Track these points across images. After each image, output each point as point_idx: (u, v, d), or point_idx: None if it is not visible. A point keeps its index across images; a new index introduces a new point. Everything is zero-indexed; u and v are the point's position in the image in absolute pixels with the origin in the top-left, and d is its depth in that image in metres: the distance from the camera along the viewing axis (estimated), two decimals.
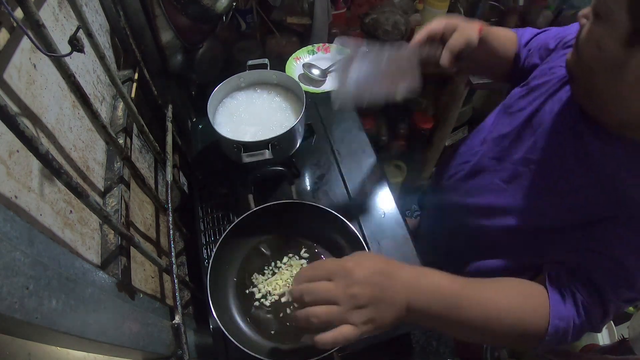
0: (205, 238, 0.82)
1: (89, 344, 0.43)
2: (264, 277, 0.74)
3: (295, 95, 0.91)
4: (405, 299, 0.46)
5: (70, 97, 0.58)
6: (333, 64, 1.14)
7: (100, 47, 0.62)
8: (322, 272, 0.47)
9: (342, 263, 0.47)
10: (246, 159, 0.78)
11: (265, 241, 0.77)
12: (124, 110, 0.75)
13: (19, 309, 0.32)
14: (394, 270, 0.47)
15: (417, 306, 0.47)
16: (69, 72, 0.52)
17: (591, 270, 0.52)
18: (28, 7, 0.43)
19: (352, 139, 0.97)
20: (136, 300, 0.56)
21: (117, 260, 0.57)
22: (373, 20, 1.38)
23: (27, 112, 0.46)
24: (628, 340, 0.88)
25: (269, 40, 1.36)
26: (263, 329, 0.68)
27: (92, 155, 0.63)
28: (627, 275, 0.51)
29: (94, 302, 0.44)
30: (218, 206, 0.86)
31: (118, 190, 0.64)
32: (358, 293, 0.44)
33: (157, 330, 0.58)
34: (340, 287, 0.44)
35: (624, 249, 0.51)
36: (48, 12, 0.56)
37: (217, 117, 0.88)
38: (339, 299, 0.44)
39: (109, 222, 0.51)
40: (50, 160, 0.38)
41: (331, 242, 0.76)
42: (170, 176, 0.78)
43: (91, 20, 0.71)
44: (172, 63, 0.99)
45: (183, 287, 0.81)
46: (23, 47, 0.47)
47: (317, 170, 0.92)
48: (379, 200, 0.87)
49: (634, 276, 0.51)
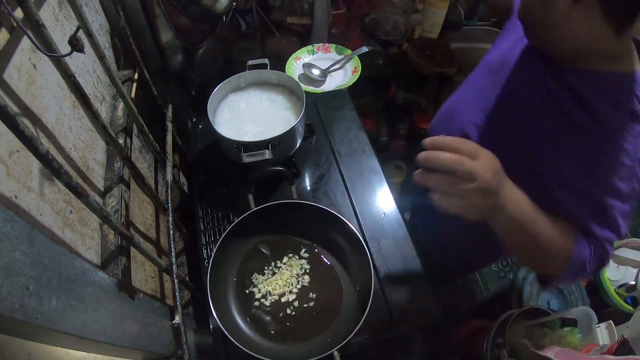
0: (205, 238, 0.82)
1: (89, 344, 0.43)
2: (264, 277, 0.74)
3: (295, 95, 0.91)
4: (506, 200, 0.52)
5: (70, 97, 0.58)
6: (333, 64, 1.14)
7: (100, 47, 0.62)
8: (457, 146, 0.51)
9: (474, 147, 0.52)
10: (246, 159, 0.78)
11: (265, 241, 0.77)
12: (124, 110, 0.75)
13: (19, 309, 0.32)
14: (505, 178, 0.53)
15: (510, 211, 0.52)
16: (69, 72, 0.52)
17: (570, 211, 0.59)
18: (28, 7, 0.43)
19: (352, 139, 0.97)
20: (136, 300, 0.56)
21: (117, 260, 0.57)
22: (373, 20, 1.38)
23: (27, 112, 0.47)
24: (628, 340, 0.88)
25: (269, 40, 1.36)
26: (263, 329, 0.68)
27: (92, 155, 0.63)
28: (596, 205, 0.58)
29: (94, 302, 0.44)
30: (218, 206, 0.86)
31: (118, 190, 0.64)
32: (480, 175, 0.48)
33: (157, 330, 0.58)
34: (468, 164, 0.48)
35: (585, 180, 0.58)
36: (48, 12, 0.56)
37: (217, 117, 0.88)
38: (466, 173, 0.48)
39: (109, 222, 0.51)
40: (50, 160, 0.38)
41: (331, 242, 0.76)
42: (170, 176, 0.78)
43: (91, 20, 0.71)
44: (172, 63, 0.99)
45: (183, 287, 0.81)
46: (23, 47, 0.47)
47: (317, 170, 0.92)
48: (379, 200, 0.87)
49: (605, 204, 0.57)
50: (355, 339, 0.67)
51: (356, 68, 1.12)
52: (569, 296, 1.49)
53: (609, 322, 0.99)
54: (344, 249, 0.75)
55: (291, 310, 0.70)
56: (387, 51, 1.48)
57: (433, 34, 1.53)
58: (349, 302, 0.71)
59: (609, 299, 1.47)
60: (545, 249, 0.57)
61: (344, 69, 1.14)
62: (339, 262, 0.75)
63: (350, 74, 1.12)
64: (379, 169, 0.92)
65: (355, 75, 1.10)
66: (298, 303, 0.71)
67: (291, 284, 0.73)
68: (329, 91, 1.07)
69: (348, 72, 1.13)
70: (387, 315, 0.72)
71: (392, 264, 0.78)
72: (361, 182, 0.89)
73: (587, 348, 0.97)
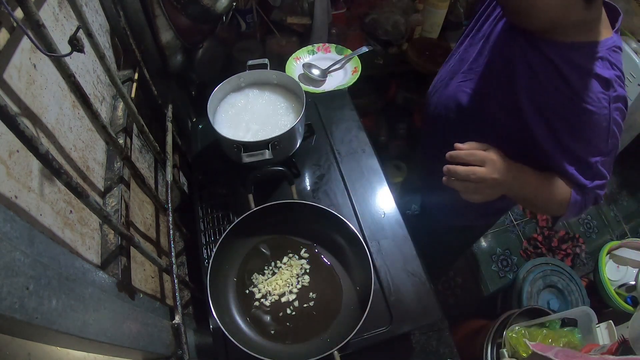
0: (205, 238, 0.82)
1: (89, 344, 0.43)
2: (264, 277, 0.74)
3: (295, 95, 0.91)
4: (513, 185, 0.69)
5: (70, 97, 0.58)
6: (333, 64, 1.14)
7: (100, 47, 0.62)
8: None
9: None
10: (246, 159, 0.78)
11: (265, 241, 0.77)
12: (124, 110, 0.75)
13: (19, 309, 0.32)
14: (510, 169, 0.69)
15: (517, 189, 0.71)
16: (69, 72, 0.52)
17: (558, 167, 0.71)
18: (28, 7, 0.43)
19: (352, 139, 0.97)
20: (136, 300, 0.56)
21: (117, 260, 0.57)
22: (373, 20, 1.38)
23: (27, 112, 0.47)
24: (628, 340, 0.88)
25: (269, 40, 1.36)
26: (263, 329, 0.68)
27: (92, 155, 0.63)
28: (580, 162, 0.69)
29: (94, 302, 0.44)
30: (218, 206, 0.86)
31: (118, 190, 0.64)
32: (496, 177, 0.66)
33: (157, 330, 0.58)
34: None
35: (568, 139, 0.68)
36: (48, 12, 0.56)
37: (217, 117, 0.88)
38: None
39: (109, 222, 0.51)
40: (50, 160, 0.38)
41: (331, 242, 0.76)
42: (170, 176, 0.78)
43: (91, 20, 0.71)
44: (172, 63, 0.99)
45: (183, 287, 0.81)
46: (23, 47, 0.47)
47: (317, 170, 0.92)
48: (379, 200, 0.87)
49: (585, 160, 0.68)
50: (355, 339, 0.67)
51: (356, 68, 1.12)
52: (569, 296, 1.49)
53: (609, 322, 0.99)
54: (344, 249, 0.75)
55: (291, 310, 0.70)
56: (387, 51, 1.49)
57: (433, 34, 1.53)
58: (349, 302, 0.71)
59: (609, 299, 1.47)
60: (548, 203, 0.74)
61: (344, 69, 1.15)
62: (339, 262, 0.75)
63: (350, 74, 1.12)
64: (379, 169, 0.92)
65: (355, 75, 1.10)
66: (298, 303, 0.71)
67: (291, 284, 0.73)
68: (329, 91, 1.07)
69: (348, 72, 1.13)
70: (387, 315, 0.72)
71: (392, 264, 0.78)
72: (361, 182, 0.89)
73: (587, 348, 0.97)
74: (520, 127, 0.72)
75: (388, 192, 0.88)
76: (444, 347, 0.79)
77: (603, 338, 0.99)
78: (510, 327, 1.11)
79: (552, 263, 1.54)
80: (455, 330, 1.51)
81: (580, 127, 0.66)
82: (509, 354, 1.06)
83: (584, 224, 2.14)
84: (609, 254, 1.58)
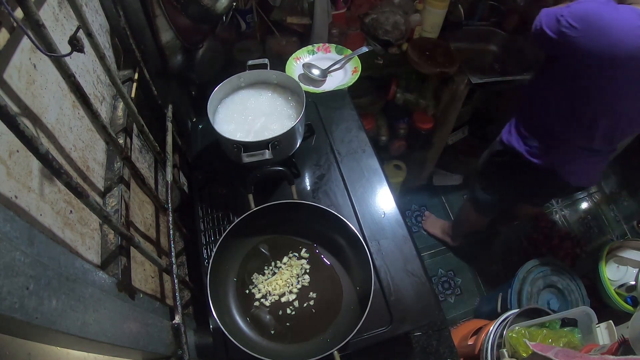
0: (205, 238, 0.82)
1: (89, 344, 0.43)
2: (264, 277, 0.74)
3: (295, 95, 0.91)
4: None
5: (70, 97, 0.58)
6: (333, 64, 1.14)
7: (100, 47, 0.62)
8: None
9: None
10: (246, 159, 0.78)
11: (265, 241, 0.77)
12: (124, 110, 0.75)
13: (19, 309, 0.32)
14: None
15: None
16: (69, 72, 0.52)
17: None
18: (28, 7, 0.43)
19: (352, 139, 0.97)
20: (136, 300, 0.56)
21: (117, 260, 0.57)
22: (373, 20, 1.38)
23: (27, 112, 0.46)
24: (628, 340, 0.88)
25: (269, 40, 1.36)
26: (263, 329, 0.68)
27: (92, 155, 0.63)
28: None
29: (94, 302, 0.44)
30: (218, 206, 0.86)
31: (118, 190, 0.64)
32: None
33: (157, 330, 0.58)
34: None
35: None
36: (48, 12, 0.56)
37: (217, 117, 0.88)
38: None
39: (109, 222, 0.51)
40: (50, 160, 0.38)
41: (331, 242, 0.76)
42: (170, 176, 0.78)
43: (91, 20, 0.71)
44: (172, 63, 0.99)
45: (183, 287, 0.81)
46: (23, 47, 0.47)
47: (317, 170, 0.92)
48: (379, 200, 0.87)
49: None
50: (355, 339, 0.67)
51: (356, 68, 1.12)
52: (569, 296, 1.49)
53: (609, 322, 0.99)
54: (344, 249, 0.75)
55: (291, 310, 0.70)
56: (387, 51, 1.48)
57: (433, 34, 1.53)
58: (349, 302, 0.71)
59: (609, 299, 1.47)
60: None
61: (344, 69, 1.15)
62: (339, 262, 0.75)
63: (350, 74, 1.12)
64: (379, 169, 0.92)
65: (355, 75, 1.10)
66: (298, 303, 0.71)
67: (291, 284, 0.73)
68: (329, 91, 1.07)
69: (348, 72, 1.13)
70: (387, 315, 0.72)
71: (392, 264, 0.78)
72: (361, 182, 0.89)
73: (587, 348, 0.97)
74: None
75: (388, 192, 0.88)
76: (444, 347, 0.79)
77: (603, 338, 0.99)
78: (510, 327, 1.11)
79: (552, 263, 1.54)
80: (455, 331, 1.51)
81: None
82: (509, 354, 1.06)
83: (584, 224, 2.14)
84: (609, 254, 1.58)
